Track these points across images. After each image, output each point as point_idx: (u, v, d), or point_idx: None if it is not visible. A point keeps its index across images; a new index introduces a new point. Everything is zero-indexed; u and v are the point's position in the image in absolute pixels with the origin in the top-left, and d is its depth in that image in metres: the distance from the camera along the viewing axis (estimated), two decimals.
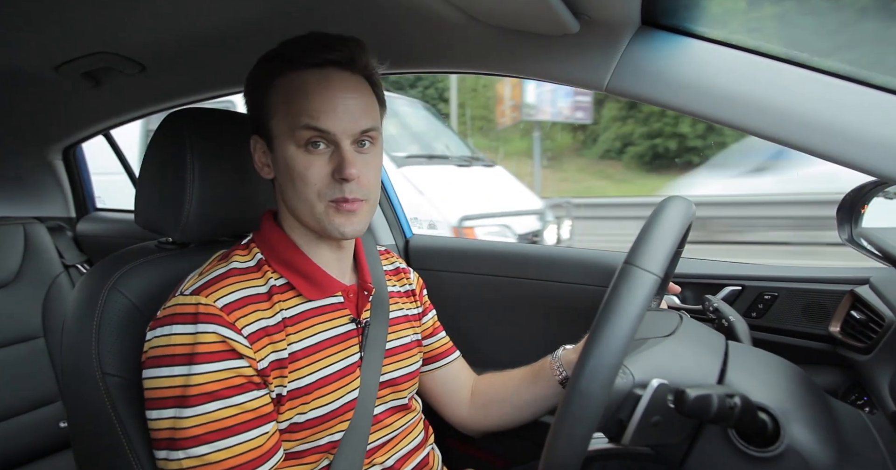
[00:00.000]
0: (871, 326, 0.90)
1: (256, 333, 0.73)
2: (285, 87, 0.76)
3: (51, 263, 1.63)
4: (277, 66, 0.77)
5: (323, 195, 0.75)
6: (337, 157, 0.75)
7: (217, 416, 0.68)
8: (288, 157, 0.75)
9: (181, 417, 0.68)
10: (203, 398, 0.68)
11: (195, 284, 0.74)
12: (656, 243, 0.57)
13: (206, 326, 0.69)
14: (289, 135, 0.75)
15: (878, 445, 0.64)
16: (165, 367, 0.69)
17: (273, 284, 0.78)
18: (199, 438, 0.68)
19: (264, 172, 0.82)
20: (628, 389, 0.60)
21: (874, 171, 0.65)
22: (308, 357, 0.77)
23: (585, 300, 1.25)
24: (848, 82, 0.70)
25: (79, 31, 1.05)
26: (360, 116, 0.76)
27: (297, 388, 0.75)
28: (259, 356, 0.72)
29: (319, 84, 0.75)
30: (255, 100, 0.80)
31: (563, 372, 0.92)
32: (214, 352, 0.69)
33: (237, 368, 0.70)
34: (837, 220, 0.95)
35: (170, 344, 0.69)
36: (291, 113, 0.75)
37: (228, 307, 0.71)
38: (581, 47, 0.82)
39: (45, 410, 1.53)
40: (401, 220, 1.62)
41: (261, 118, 0.79)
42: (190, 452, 0.68)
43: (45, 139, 1.86)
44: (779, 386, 0.64)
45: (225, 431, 0.68)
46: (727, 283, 1.16)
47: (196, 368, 0.68)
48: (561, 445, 0.52)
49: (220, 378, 0.69)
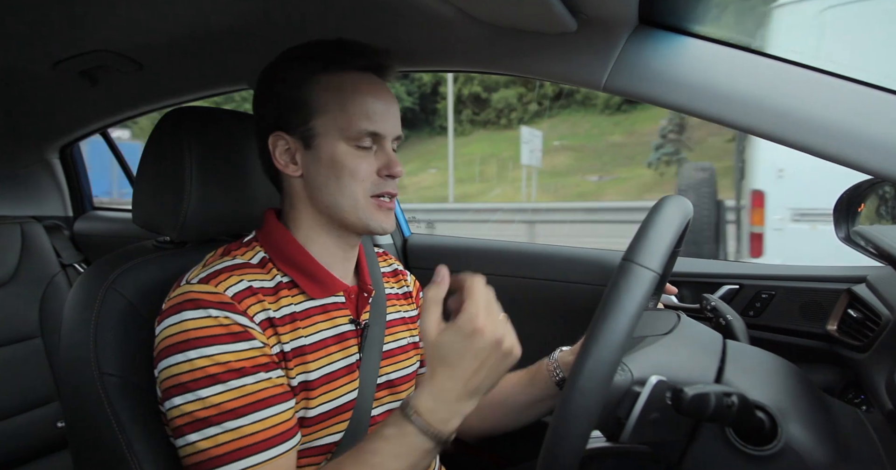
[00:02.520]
0: (868, 324, 0.91)
1: (264, 323, 0.73)
2: (335, 86, 0.78)
3: (48, 263, 1.63)
4: (321, 64, 0.79)
5: (368, 191, 0.79)
6: (383, 155, 0.80)
7: (252, 388, 0.68)
8: (338, 154, 0.77)
9: (214, 394, 0.67)
10: (233, 374, 0.67)
11: (201, 274, 0.74)
12: (655, 240, 0.57)
13: (219, 312, 0.69)
14: (339, 133, 0.77)
15: (875, 443, 0.64)
16: (181, 353, 0.68)
17: (280, 281, 0.79)
18: (237, 411, 0.67)
19: (290, 170, 0.80)
20: (627, 386, 0.60)
21: (871, 170, 0.65)
22: (314, 352, 0.77)
23: (585, 299, 1.26)
24: (845, 81, 0.70)
25: (76, 30, 1.04)
26: (397, 121, 0.82)
27: (304, 381, 0.76)
28: (271, 343, 0.73)
29: (372, 87, 0.80)
30: (292, 95, 0.78)
31: (560, 374, 0.92)
32: (233, 333, 0.69)
33: (259, 347, 0.70)
34: (834, 218, 0.95)
35: (183, 330, 0.69)
36: (346, 114, 0.77)
37: (238, 296, 0.72)
38: (579, 46, 0.82)
39: (42, 410, 1.53)
40: (399, 219, 1.62)
41: (295, 114, 0.78)
42: (226, 425, 0.66)
43: (42, 138, 1.86)
44: (776, 385, 0.64)
45: (260, 404, 0.68)
46: (725, 281, 1.16)
47: (214, 348, 0.67)
48: (560, 442, 0.52)
49: (245, 356, 0.69)
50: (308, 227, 0.82)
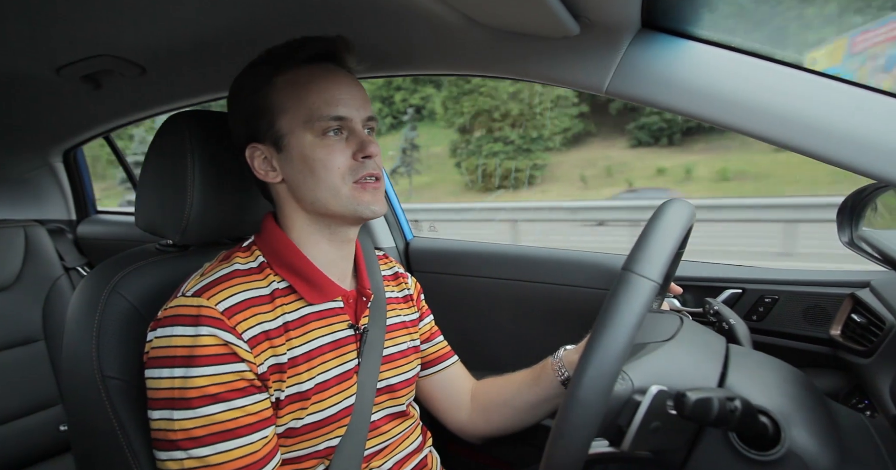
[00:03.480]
0: (872, 329, 0.90)
1: (257, 338, 0.73)
2: (290, 83, 0.78)
3: (51, 266, 1.63)
4: (273, 66, 0.79)
5: (347, 178, 0.78)
6: (355, 139, 0.79)
7: (219, 418, 0.68)
8: (306, 148, 0.77)
9: (184, 419, 0.68)
10: (206, 400, 0.68)
11: (197, 286, 0.74)
12: (655, 249, 0.56)
13: (207, 329, 0.69)
14: (304, 127, 0.77)
15: (879, 448, 0.64)
16: (166, 368, 0.69)
17: (276, 287, 0.78)
18: (202, 439, 0.68)
19: (270, 177, 0.81)
20: (627, 395, 0.60)
21: (874, 175, 0.65)
22: (308, 362, 0.77)
23: (587, 303, 1.25)
24: (848, 85, 0.70)
25: (79, 35, 1.05)
26: (364, 104, 0.81)
27: (296, 392, 0.75)
28: (259, 361, 0.72)
29: (326, 76, 0.79)
30: (253, 104, 0.79)
31: (565, 372, 0.92)
32: (215, 355, 0.69)
33: (239, 371, 0.70)
34: (838, 223, 0.95)
35: (170, 345, 0.69)
36: (306, 105, 0.77)
37: (229, 311, 0.71)
38: (581, 50, 0.82)
39: (45, 414, 1.53)
40: (401, 222, 1.62)
41: (261, 121, 0.79)
42: (192, 452, 0.68)
43: (45, 142, 1.87)
44: (779, 389, 0.64)
45: (227, 434, 0.69)
46: (728, 286, 1.15)
47: (196, 370, 0.68)
48: (560, 451, 0.52)
49: (222, 381, 0.69)
50: (300, 230, 0.82)
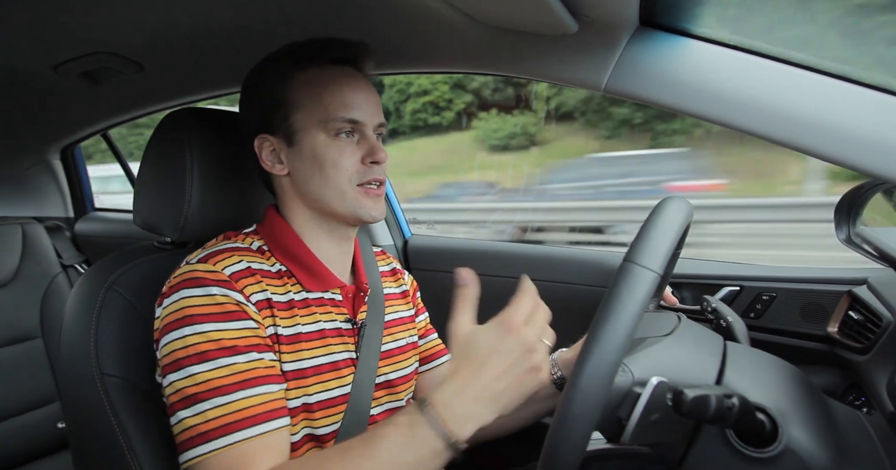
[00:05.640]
0: (869, 326, 0.91)
1: (261, 303, 0.74)
2: (310, 81, 0.79)
3: (49, 263, 1.63)
4: (295, 62, 0.80)
5: (353, 180, 0.79)
6: (365, 144, 0.81)
7: (240, 368, 0.69)
8: (318, 146, 0.78)
9: (201, 372, 0.67)
10: (224, 352, 0.68)
11: (201, 254, 0.76)
12: (656, 241, 0.57)
13: (218, 290, 0.71)
14: (319, 126, 0.78)
15: (876, 445, 0.64)
16: (178, 329, 0.69)
17: (280, 269, 0.80)
18: (224, 388, 0.67)
19: (276, 170, 0.82)
20: (628, 386, 0.60)
21: (872, 172, 0.65)
22: (310, 342, 0.78)
23: (586, 301, 1.25)
24: (846, 83, 0.70)
25: (77, 32, 1.04)
26: (377, 110, 0.83)
27: (296, 369, 0.76)
28: (265, 324, 0.74)
29: (348, 79, 0.81)
30: (270, 95, 0.80)
31: (557, 372, 0.92)
32: (229, 312, 0.70)
33: (252, 328, 0.72)
34: (835, 220, 0.95)
35: (184, 306, 0.70)
36: (323, 105, 0.78)
37: (236, 275, 0.73)
38: (579, 47, 0.82)
39: (42, 411, 1.53)
40: (399, 220, 1.62)
41: (275, 114, 0.80)
42: (215, 401, 0.67)
43: (43, 139, 1.86)
44: (777, 386, 0.64)
45: (250, 382, 0.69)
46: (725, 283, 1.16)
47: (211, 325, 0.69)
48: (560, 444, 0.52)
49: (237, 336, 0.70)
50: (301, 224, 0.83)
